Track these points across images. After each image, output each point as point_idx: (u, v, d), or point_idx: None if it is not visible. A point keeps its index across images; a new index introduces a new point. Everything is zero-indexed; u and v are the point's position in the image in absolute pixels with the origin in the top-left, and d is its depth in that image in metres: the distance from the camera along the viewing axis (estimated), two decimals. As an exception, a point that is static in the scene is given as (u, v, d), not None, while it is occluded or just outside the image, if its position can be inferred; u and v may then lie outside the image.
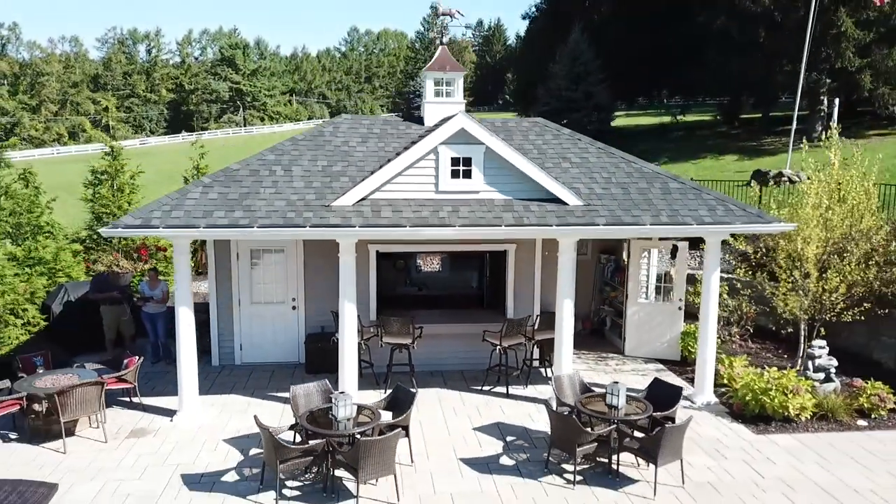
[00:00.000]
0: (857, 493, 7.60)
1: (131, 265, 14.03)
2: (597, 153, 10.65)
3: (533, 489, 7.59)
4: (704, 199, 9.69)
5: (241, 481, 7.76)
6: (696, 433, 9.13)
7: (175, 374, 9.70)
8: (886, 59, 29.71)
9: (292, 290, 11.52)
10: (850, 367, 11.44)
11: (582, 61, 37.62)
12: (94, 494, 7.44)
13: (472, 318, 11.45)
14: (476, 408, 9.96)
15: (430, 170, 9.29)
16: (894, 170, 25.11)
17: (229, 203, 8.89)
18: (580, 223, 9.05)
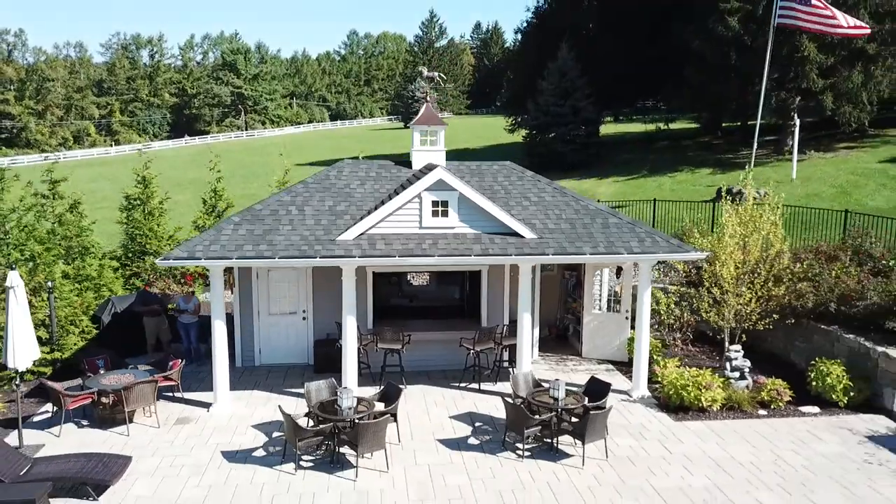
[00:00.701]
0: (740, 465, 9.93)
1: (179, 287, 16.42)
2: (552, 193, 12.97)
3: (491, 461, 9.93)
4: (636, 232, 12.02)
5: (267, 456, 10.09)
6: (627, 420, 11.46)
7: (206, 374, 12.00)
8: (847, 81, 31.99)
9: (303, 303, 13.85)
10: (771, 367, 13.77)
11: (569, 77, 39.94)
12: (157, 465, 9.78)
13: (453, 326, 13.77)
14: (453, 400, 12.29)
15: (414, 211, 11.62)
16: (848, 185, 27.41)
17: (255, 238, 11.23)
18: (533, 253, 11.39)
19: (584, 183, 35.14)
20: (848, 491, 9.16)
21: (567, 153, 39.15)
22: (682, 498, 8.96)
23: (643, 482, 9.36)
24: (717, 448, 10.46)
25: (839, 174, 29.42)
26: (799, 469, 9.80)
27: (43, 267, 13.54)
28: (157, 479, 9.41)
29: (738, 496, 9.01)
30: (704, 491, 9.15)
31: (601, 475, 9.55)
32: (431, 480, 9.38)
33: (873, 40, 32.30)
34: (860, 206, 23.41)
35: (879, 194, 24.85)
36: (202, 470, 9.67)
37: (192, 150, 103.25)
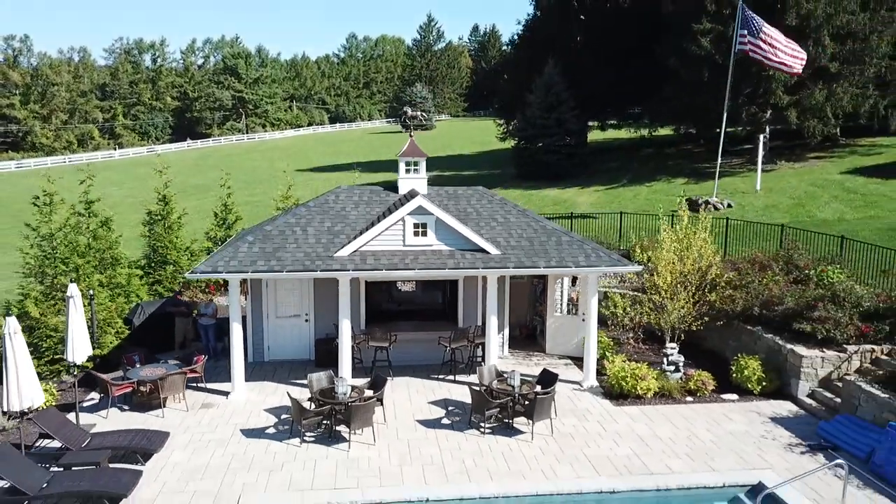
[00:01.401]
0: (659, 440, 12.27)
1: (203, 295, 18.78)
2: (516, 215, 15.31)
3: (459, 437, 12.28)
4: (584, 248, 14.36)
5: (277, 433, 12.43)
6: (575, 405, 13.81)
7: (222, 368, 14.34)
8: (810, 98, 34.34)
9: (305, 308, 16.19)
10: (708, 362, 16.08)
11: (554, 91, 42.25)
12: (189, 440, 12.13)
13: (433, 327, 16.10)
14: (432, 389, 14.64)
15: (399, 231, 13.95)
16: (805, 197, 29.72)
17: (266, 255, 13.57)
18: (497, 266, 13.74)
19: (567, 192, 37.50)
20: (740, 458, 11.51)
21: (552, 163, 41.47)
22: (606, 463, 11.31)
23: (578, 452, 11.71)
24: (644, 427, 12.80)
25: (800, 185, 31.78)
26: (707, 442, 12.15)
27: (84, 277, 15.87)
28: (189, 450, 11.76)
29: (651, 462, 11.36)
30: (626, 458, 11.50)
31: (545, 447, 11.90)
32: (409, 451, 11.73)
33: (836, 59, 34.69)
34: (809, 218, 25.79)
35: (829, 206, 27.18)
36: (225, 443, 12.01)
37: (195, 153, 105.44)
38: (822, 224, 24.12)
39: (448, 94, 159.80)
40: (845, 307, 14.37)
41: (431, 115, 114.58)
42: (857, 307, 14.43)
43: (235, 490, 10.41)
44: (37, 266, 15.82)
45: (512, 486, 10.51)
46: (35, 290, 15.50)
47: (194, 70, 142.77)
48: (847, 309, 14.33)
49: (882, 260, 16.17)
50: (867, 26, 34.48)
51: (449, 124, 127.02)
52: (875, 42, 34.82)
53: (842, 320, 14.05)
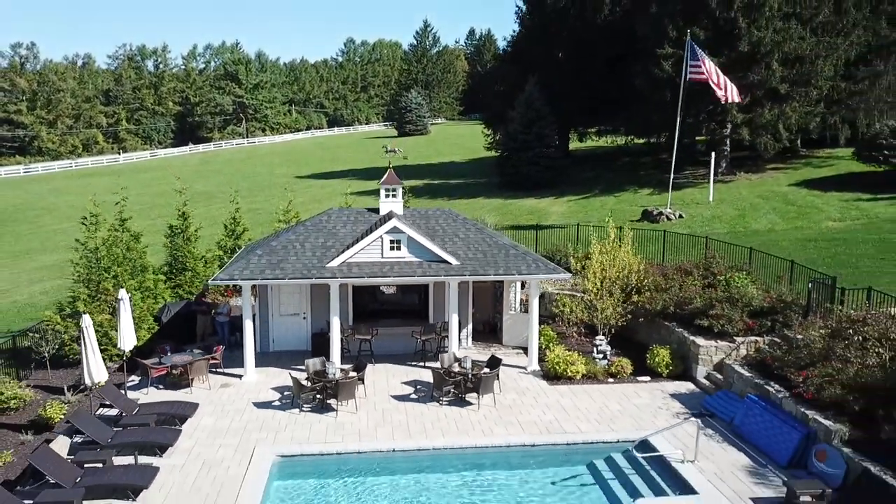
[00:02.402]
0: (578, 409, 15.78)
1: (221, 298, 22.31)
2: (475, 232, 18.82)
3: (422, 407, 15.80)
4: (526, 259, 17.89)
5: (281, 405, 15.95)
6: (517, 385, 17.32)
7: (236, 357, 17.85)
8: (761, 117, 37.93)
9: (303, 307, 19.70)
10: (636, 352, 19.46)
11: (535, 108, 45.79)
12: (213, 410, 15.64)
13: (409, 323, 19.60)
14: (405, 373, 18.15)
15: (378, 247, 17.45)
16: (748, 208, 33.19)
17: (272, 265, 17.08)
18: (456, 274, 17.26)
19: (542, 202, 41.05)
20: (637, 422, 15.03)
21: (532, 174, 45.02)
22: (533, 426, 14.84)
23: (513, 418, 15.24)
24: (568, 401, 16.33)
25: (748, 197, 35.35)
26: (614, 412, 15.68)
27: (121, 282, 19.35)
28: (214, 417, 15.28)
29: (567, 425, 14.89)
30: (548, 422, 15.03)
31: (489, 414, 15.43)
32: (383, 417, 15.26)
33: (785, 81, 38.31)
34: (745, 228, 29.33)
35: (765, 217, 30.73)
36: (241, 412, 15.54)
37: (197, 158, 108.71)
38: (753, 234, 27.68)
39: (444, 98, 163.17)
40: (738, 306, 17.86)
41: (426, 120, 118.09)
42: (748, 306, 17.91)
43: (251, 444, 13.94)
44: (85, 273, 19.24)
45: (457, 441, 14.06)
46: (83, 293, 18.94)
47: (195, 75, 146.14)
48: (739, 308, 17.82)
49: (779, 267, 19.68)
50: (813, 51, 38.09)
51: (444, 128, 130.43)
52: (820, 65, 38.43)
53: (733, 317, 17.53)
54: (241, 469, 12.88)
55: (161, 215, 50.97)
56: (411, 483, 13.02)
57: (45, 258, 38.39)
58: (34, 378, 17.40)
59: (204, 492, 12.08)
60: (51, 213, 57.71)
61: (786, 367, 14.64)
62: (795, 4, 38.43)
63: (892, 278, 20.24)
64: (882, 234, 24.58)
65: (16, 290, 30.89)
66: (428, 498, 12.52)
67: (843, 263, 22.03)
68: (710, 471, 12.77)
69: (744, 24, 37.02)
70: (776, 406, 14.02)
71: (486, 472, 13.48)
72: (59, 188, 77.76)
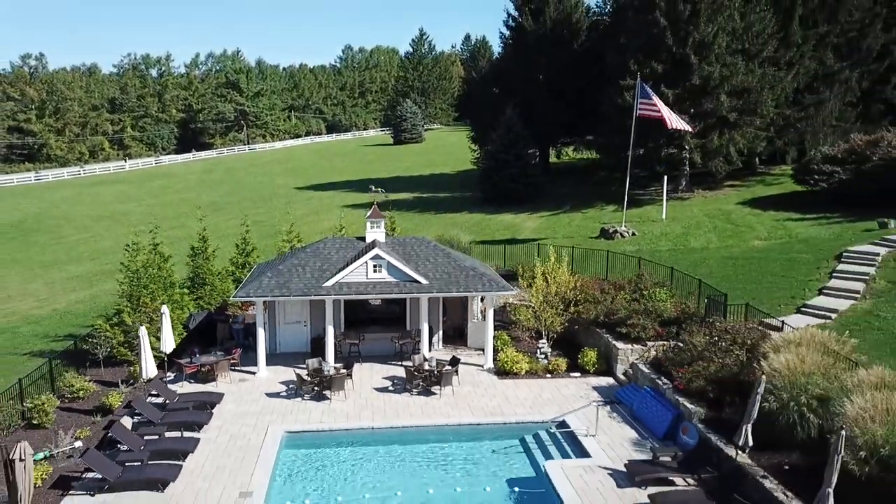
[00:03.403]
0: (518, 398, 20.32)
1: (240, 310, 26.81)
2: (443, 256, 23.34)
3: (396, 397, 20.36)
4: (482, 279, 22.43)
5: (287, 395, 20.49)
6: (474, 379, 21.85)
7: (250, 358, 22.42)
8: (711, 143, 42.48)
9: (304, 317, 24.23)
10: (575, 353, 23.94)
11: (514, 131, 50.35)
12: (235, 398, 20.20)
13: (389, 330, 24.14)
14: (386, 370, 22.68)
15: (363, 269, 21.96)
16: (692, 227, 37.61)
17: (280, 285, 21.61)
18: (426, 291, 21.81)
19: (518, 217, 45.59)
20: (560, 407, 19.56)
21: (511, 191, 49.56)
22: (480, 410, 19.38)
23: (466, 405, 19.78)
24: (512, 391, 20.86)
25: (697, 215, 39.89)
26: (545, 399, 20.21)
27: (156, 297, 23.83)
28: (236, 403, 19.82)
29: (507, 409, 19.42)
30: (493, 407, 19.57)
31: (448, 401, 19.98)
32: (366, 404, 19.81)
33: (733, 111, 42.88)
34: (684, 246, 33.83)
35: (704, 237, 35.21)
36: (257, 400, 20.08)
37: (200, 165, 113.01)
38: (689, 252, 32.22)
39: (439, 104, 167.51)
40: (651, 317, 22.40)
41: (421, 128, 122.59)
42: (660, 317, 22.47)
43: (265, 423, 18.49)
44: (128, 290, 23.70)
45: (421, 421, 18.63)
46: (127, 306, 23.40)
47: (198, 83, 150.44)
48: (652, 318, 22.36)
49: (691, 284, 24.20)
50: (759, 84, 42.67)
51: (438, 135, 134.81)
52: (766, 96, 43.03)
53: (647, 326, 22.06)
54: (259, 440, 17.43)
55: (173, 226, 55.42)
56: (386, 452, 17.56)
57: (73, 269, 42.85)
58: (91, 374, 21.87)
59: (233, 455, 16.63)
60: (69, 223, 61.99)
61: (672, 366, 19.21)
62: (743, 41, 43.02)
63: (784, 293, 24.85)
64: (792, 254, 29.10)
65: (54, 299, 35.38)
66: (399, 463, 17.07)
67: (751, 280, 26.61)
68: (605, 442, 17.32)
69: (695, 60, 41.57)
70: (661, 395, 18.58)
71: (444, 444, 18.01)
72: (71, 197, 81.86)
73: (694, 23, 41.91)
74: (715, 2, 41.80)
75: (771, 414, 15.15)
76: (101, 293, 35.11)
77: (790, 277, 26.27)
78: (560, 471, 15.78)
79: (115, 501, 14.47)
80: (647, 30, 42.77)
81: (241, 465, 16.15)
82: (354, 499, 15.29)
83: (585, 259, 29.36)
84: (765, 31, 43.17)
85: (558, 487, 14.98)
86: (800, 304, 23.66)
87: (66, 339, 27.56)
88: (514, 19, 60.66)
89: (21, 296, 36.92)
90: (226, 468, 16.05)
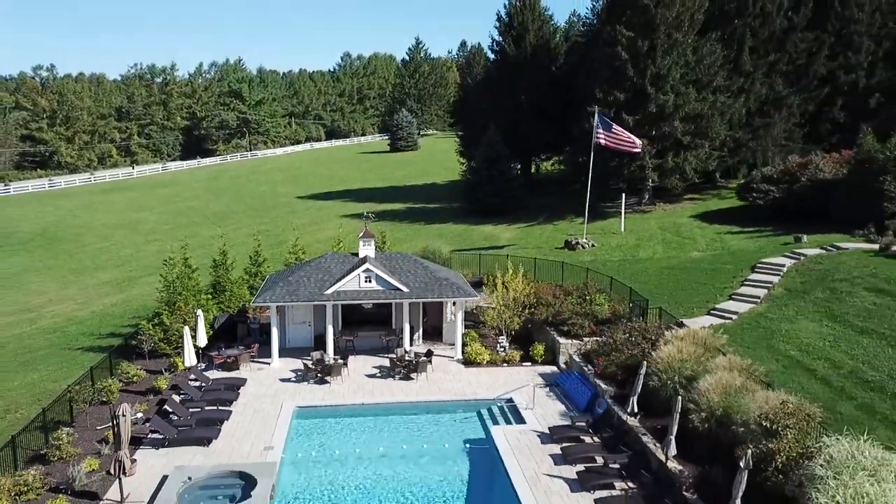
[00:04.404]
0: (479, 382, 25.78)
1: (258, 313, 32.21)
2: (422, 269, 28.79)
3: (382, 381, 25.84)
4: (453, 287, 27.90)
5: (296, 380, 25.96)
6: (446, 368, 27.31)
7: (265, 352, 27.94)
8: (667, 163, 47.97)
9: (309, 318, 29.69)
10: (528, 347, 29.50)
11: (495, 150, 55.83)
12: (255, 382, 25.67)
13: (379, 329, 29.61)
14: (375, 361, 28.14)
15: (356, 280, 27.41)
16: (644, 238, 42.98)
17: (289, 293, 27.08)
18: (406, 298, 27.30)
19: (498, 228, 51.06)
20: (508, 387, 25.02)
21: (492, 204, 55.06)
22: (447, 391, 24.84)
23: (437, 388, 25.25)
24: (474, 377, 26.31)
25: (651, 228, 45.37)
26: (500, 383, 25.66)
27: (188, 301, 29.25)
28: (256, 386, 25.30)
29: (468, 390, 24.88)
30: (458, 389, 25.02)
31: (423, 384, 25.44)
32: (359, 386, 25.29)
33: (687, 134, 48.38)
34: (633, 257, 39.27)
35: (652, 248, 40.66)
36: (272, 384, 25.55)
37: (205, 172, 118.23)
38: (637, 262, 37.67)
39: (435, 110, 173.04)
40: (588, 318, 27.86)
41: (416, 137, 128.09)
42: (596, 317, 27.93)
43: (280, 400, 23.95)
44: (166, 297, 29.13)
45: (401, 399, 24.11)
46: (166, 310, 28.79)
47: (201, 92, 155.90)
48: (589, 319, 27.83)
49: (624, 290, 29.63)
50: (710, 111, 48.18)
51: (433, 142, 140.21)
52: (716, 121, 48.55)
53: (584, 325, 27.53)
54: (276, 412, 22.89)
55: (186, 235, 60.65)
56: (373, 421, 23.02)
57: (102, 275, 48.28)
58: (139, 364, 27.29)
59: (257, 423, 22.09)
60: (89, 231, 67.33)
61: (595, 356, 24.69)
62: (695, 73, 48.52)
63: (702, 298, 30.33)
64: (718, 265, 34.56)
65: (90, 303, 40.82)
66: (382, 429, 22.52)
67: (679, 287, 32.08)
68: (539, 413, 22.79)
69: (652, 90, 47.07)
70: (586, 378, 24.06)
71: (417, 415, 23.46)
72: (86, 205, 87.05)
73: (651, 57, 47.44)
74: (670, 38, 47.30)
75: (655, 390, 20.65)
76: (131, 298, 40.59)
77: (710, 284, 31.75)
78: (501, 433, 21.27)
79: (174, 453, 19.92)
80: (611, 62, 48.25)
81: (264, 429, 21.62)
82: (348, 452, 20.76)
83: (546, 268, 34.81)
84: (715, 63, 48.66)
85: (497, 443, 20.47)
86: (711, 308, 29.15)
87: (108, 336, 33.02)
88: (498, 44, 66.27)
89: (61, 299, 42.37)
90: (252, 431, 21.52)
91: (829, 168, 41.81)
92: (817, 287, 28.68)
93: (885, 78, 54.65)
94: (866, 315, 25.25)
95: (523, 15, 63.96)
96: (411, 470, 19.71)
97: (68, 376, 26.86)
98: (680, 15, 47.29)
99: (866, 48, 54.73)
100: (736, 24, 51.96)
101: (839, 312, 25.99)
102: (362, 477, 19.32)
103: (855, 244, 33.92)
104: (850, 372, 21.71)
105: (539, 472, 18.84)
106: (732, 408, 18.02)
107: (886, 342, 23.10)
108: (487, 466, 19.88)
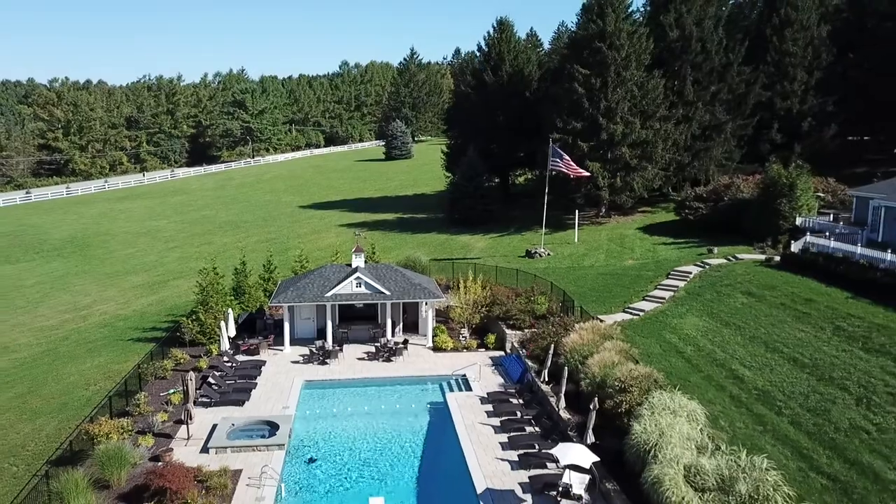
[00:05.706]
0: (442, 363, 33.91)
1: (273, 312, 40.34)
2: (401, 276, 36.91)
3: (370, 362, 34.02)
4: (425, 291, 36.05)
5: (303, 362, 34.11)
6: (418, 353, 35.46)
7: (279, 342, 36.18)
8: (616, 183, 56.11)
9: (313, 315, 37.84)
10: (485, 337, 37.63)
11: (473, 167, 63.97)
12: (272, 363, 33.84)
13: (368, 323, 37.73)
14: (365, 348, 36.24)
15: (350, 285, 35.52)
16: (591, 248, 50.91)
17: (298, 295, 35.24)
18: (388, 299, 35.48)
19: (473, 238, 59.17)
20: (469, 370, 33.16)
21: (471, 216, 63.22)
22: (418, 369, 32.98)
23: (411, 367, 33.39)
24: (440, 360, 34.44)
25: (600, 239, 53.49)
26: (459, 364, 33.77)
27: (218, 302, 37.32)
28: (274, 366, 33.44)
29: (433, 369, 33.01)
30: (426, 367, 33.17)
31: (401, 365, 33.58)
32: (351, 367, 33.45)
33: (634, 158, 56.51)
34: (579, 265, 47.35)
35: (596, 257, 48.70)
36: (286, 364, 33.69)
37: (212, 180, 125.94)
38: (580, 268, 45.75)
39: (429, 117, 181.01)
40: (529, 313, 35.99)
41: (410, 146, 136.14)
42: (534, 313, 36.06)
43: (292, 376, 32.09)
44: (201, 298, 37.24)
45: (383, 374, 32.31)
46: (201, 308, 36.85)
47: (206, 101, 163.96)
48: (529, 314, 35.96)
49: (559, 293, 37.72)
50: (654, 138, 56.31)
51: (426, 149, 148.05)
52: (660, 146, 56.68)
53: (525, 319, 35.66)
54: (289, 385, 31.03)
55: (202, 243, 68.82)
56: (362, 391, 31.16)
57: (134, 279, 56.36)
58: (181, 350, 35.36)
59: (276, 391, 30.24)
60: (113, 238, 75.28)
61: (529, 342, 32.87)
62: (642, 105, 56.65)
63: (622, 298, 38.44)
64: (643, 272, 42.67)
65: (129, 303, 48.91)
66: (368, 395, 30.68)
67: (606, 289, 40.20)
68: (483, 384, 30.94)
69: (604, 121, 55.21)
70: (520, 358, 32.22)
71: (395, 387, 31.58)
72: (105, 212, 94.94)
73: (604, 92, 55.57)
74: (619, 76, 55.43)
75: (561, 366, 28.81)
76: (164, 298, 48.71)
77: (631, 288, 39.90)
78: (454, 397, 29.46)
79: (218, 410, 28.07)
80: (570, 96, 56.38)
81: (281, 395, 29.78)
82: (342, 411, 28.95)
83: (506, 274, 42.93)
84: (658, 96, 56.78)
85: (449, 404, 28.65)
86: (626, 306, 37.29)
87: (151, 330, 41.13)
88: (479, 71, 74.44)
89: (103, 300, 50.49)
90: (273, 397, 29.68)
91: (748, 189, 49.95)
92: (708, 290, 36.86)
93: (815, 104, 62.83)
94: (734, 312, 33.40)
95: (500, 46, 72.12)
96: (388, 421, 27.91)
97: (127, 360, 35.03)
98: (628, 56, 55.41)
99: (800, 78, 62.88)
100: (682, 59, 60.10)
101: (716, 310, 34.15)
102: (352, 427, 27.50)
103: (751, 255, 42.11)
104: (707, 353, 29.87)
105: (475, 421, 27.02)
106: (608, 375, 26.21)
107: (740, 332, 31.26)
108: (441, 419, 28.05)
